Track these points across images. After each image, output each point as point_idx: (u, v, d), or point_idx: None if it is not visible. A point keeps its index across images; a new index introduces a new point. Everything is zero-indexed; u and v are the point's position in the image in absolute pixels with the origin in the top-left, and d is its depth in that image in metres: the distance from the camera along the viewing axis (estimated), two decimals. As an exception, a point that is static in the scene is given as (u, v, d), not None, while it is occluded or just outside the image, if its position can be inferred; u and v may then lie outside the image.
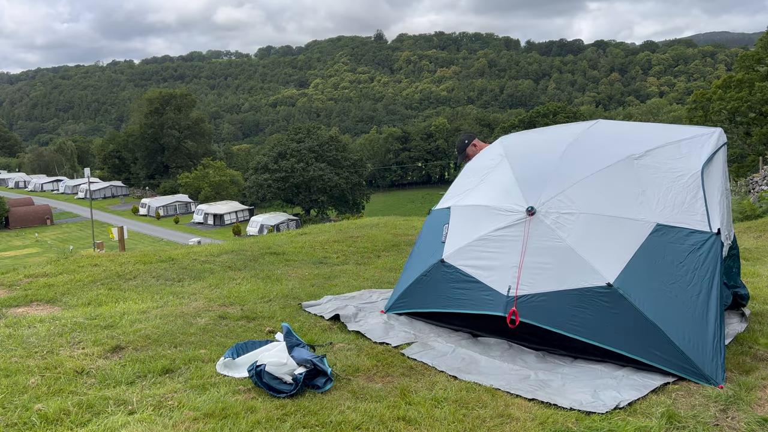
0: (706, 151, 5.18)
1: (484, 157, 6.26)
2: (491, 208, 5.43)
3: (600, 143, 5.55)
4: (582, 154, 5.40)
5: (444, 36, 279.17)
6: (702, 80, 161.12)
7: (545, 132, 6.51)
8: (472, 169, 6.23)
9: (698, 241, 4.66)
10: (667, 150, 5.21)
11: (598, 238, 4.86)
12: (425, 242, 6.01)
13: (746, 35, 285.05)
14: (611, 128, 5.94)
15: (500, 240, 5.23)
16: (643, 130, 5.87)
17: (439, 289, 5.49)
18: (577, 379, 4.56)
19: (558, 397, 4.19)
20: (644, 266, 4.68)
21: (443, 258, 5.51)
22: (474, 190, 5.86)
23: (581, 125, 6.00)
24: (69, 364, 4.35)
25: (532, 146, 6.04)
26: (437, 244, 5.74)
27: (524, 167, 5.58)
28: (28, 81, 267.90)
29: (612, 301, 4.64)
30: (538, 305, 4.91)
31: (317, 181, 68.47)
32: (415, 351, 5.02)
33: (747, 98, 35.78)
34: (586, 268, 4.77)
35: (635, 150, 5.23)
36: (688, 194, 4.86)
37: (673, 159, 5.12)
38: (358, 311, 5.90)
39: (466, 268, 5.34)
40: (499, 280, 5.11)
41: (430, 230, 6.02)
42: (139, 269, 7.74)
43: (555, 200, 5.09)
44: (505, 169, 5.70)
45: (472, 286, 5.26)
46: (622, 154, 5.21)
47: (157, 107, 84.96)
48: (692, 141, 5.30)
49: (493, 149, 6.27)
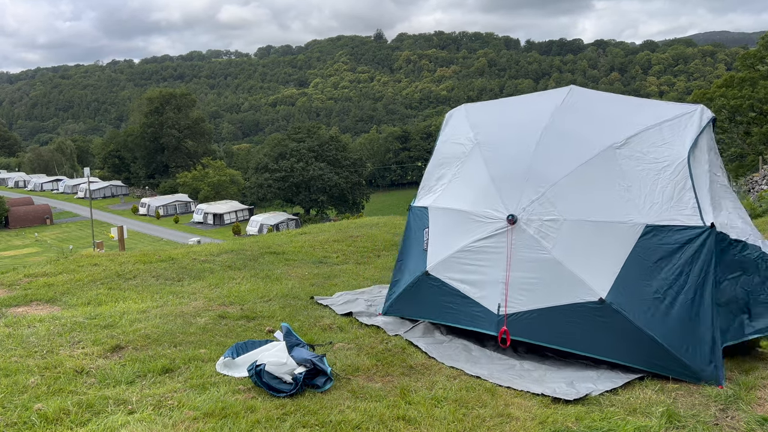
0: (690, 134, 4.82)
1: (453, 138, 5.84)
2: (469, 213, 5.21)
3: (577, 126, 5.12)
4: (559, 144, 5.03)
5: (444, 35, 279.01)
6: (702, 80, 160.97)
7: (516, 106, 5.98)
8: (443, 154, 5.86)
9: (691, 237, 4.44)
10: (649, 135, 4.85)
11: (585, 248, 4.65)
12: (409, 245, 5.91)
13: (746, 35, 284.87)
14: (587, 101, 5.42)
15: (482, 252, 5.06)
16: (621, 107, 5.41)
17: (429, 300, 5.46)
18: (560, 370, 4.64)
19: (534, 385, 4.29)
20: (636, 275, 4.50)
21: (427, 270, 5.43)
22: (449, 186, 5.62)
23: (555, 96, 5.51)
24: (69, 364, 4.35)
25: (503, 131, 5.54)
26: (420, 251, 5.63)
27: (498, 161, 5.24)
28: (27, 80, 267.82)
29: (606, 316, 4.53)
30: (530, 321, 4.82)
31: (317, 180, 68.45)
32: (416, 335, 5.31)
33: (750, 95, 35.71)
34: (576, 283, 4.62)
35: (615, 137, 4.86)
36: (676, 186, 4.59)
37: (657, 146, 4.78)
38: (369, 306, 6.10)
39: (453, 282, 5.25)
40: (488, 296, 5.02)
41: (413, 232, 5.88)
42: (139, 269, 7.73)
43: (536, 204, 4.85)
44: (479, 162, 5.36)
45: (461, 301, 5.21)
46: (602, 144, 4.86)
47: (156, 107, 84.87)
48: (674, 123, 4.92)
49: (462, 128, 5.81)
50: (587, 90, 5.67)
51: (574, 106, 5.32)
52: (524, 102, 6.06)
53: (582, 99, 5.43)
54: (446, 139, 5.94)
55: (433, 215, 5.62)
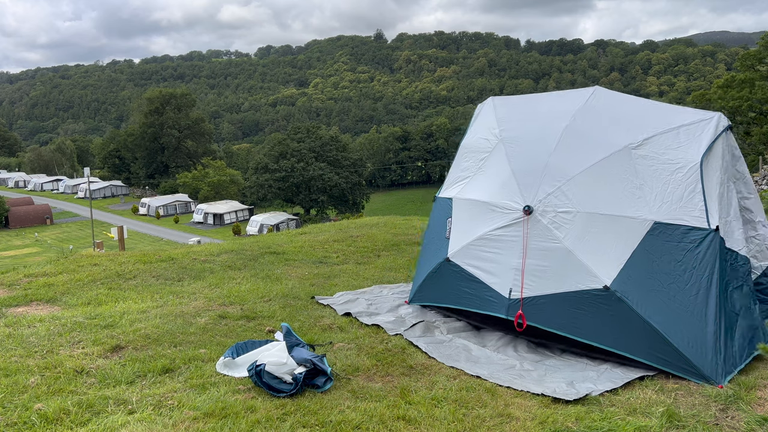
0: (705, 140, 4.96)
1: (480, 133, 6.06)
2: (490, 204, 5.44)
3: (597, 126, 5.30)
4: (578, 143, 5.21)
5: (444, 35, 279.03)
6: (702, 80, 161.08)
7: (541, 104, 6.17)
8: (469, 148, 6.10)
9: (696, 238, 4.59)
10: (666, 138, 5.01)
11: (595, 238, 4.82)
12: (433, 234, 6.16)
13: (746, 34, 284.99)
14: (609, 103, 5.60)
15: (499, 240, 5.28)
16: (641, 110, 5.56)
17: (448, 285, 5.69)
18: (560, 370, 4.68)
19: (533, 385, 4.33)
20: (642, 267, 4.65)
21: (448, 256, 5.68)
22: (473, 179, 5.86)
23: (579, 97, 5.71)
24: (69, 364, 4.35)
25: (526, 127, 5.75)
26: (442, 239, 5.92)
27: (520, 157, 5.45)
28: (27, 80, 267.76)
29: (610, 304, 4.65)
30: (539, 307, 4.98)
31: (317, 180, 68.47)
32: (415, 334, 5.37)
33: (747, 96, 35.73)
34: (584, 271, 4.77)
35: (633, 138, 5.03)
36: (686, 188, 4.74)
37: (672, 149, 4.94)
38: (370, 305, 6.17)
39: (470, 268, 5.49)
40: (499, 282, 5.22)
41: (436, 222, 6.15)
42: (139, 269, 7.74)
43: (552, 197, 5.04)
44: (501, 157, 5.60)
45: (476, 286, 5.42)
46: (619, 143, 5.02)
47: (157, 107, 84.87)
48: (691, 128, 5.07)
49: (488, 122, 6.02)
50: (610, 92, 5.86)
51: (596, 107, 5.53)
52: (550, 100, 6.23)
53: (604, 101, 5.64)
54: (474, 133, 6.17)
55: (456, 206, 5.87)
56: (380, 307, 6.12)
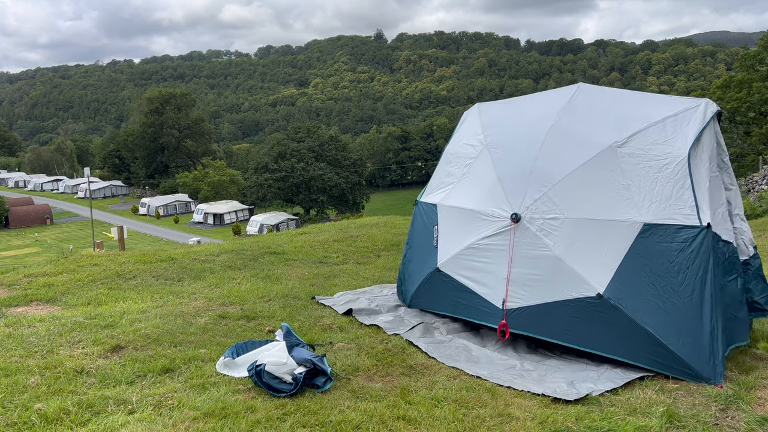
0: (693, 131, 4.79)
1: (465, 139, 5.98)
2: (476, 212, 5.37)
3: (582, 124, 5.16)
4: (563, 143, 5.09)
5: (444, 35, 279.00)
6: (702, 80, 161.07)
7: (526, 106, 6.04)
8: (454, 154, 6.01)
9: (688, 236, 4.45)
10: (652, 132, 4.85)
11: (585, 244, 4.73)
12: (420, 240, 6.09)
13: (746, 34, 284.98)
14: (594, 99, 5.44)
15: (488, 249, 5.24)
16: (627, 103, 5.41)
17: (442, 295, 5.68)
18: (560, 370, 4.67)
19: (534, 385, 4.32)
20: (634, 271, 4.56)
21: (438, 267, 5.66)
22: (458, 185, 5.78)
23: (563, 95, 5.56)
24: (69, 364, 4.35)
25: (511, 131, 5.63)
26: (430, 247, 5.86)
27: (505, 162, 5.35)
28: (27, 80, 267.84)
29: (604, 311, 4.60)
30: (531, 316, 4.94)
31: (317, 180, 68.49)
32: (415, 335, 5.34)
33: (746, 99, 35.73)
34: (576, 279, 4.71)
35: (618, 135, 4.88)
36: (675, 185, 4.59)
37: (658, 143, 4.78)
38: (370, 305, 6.16)
39: (461, 279, 5.47)
40: (492, 293, 5.20)
41: (421, 227, 6.07)
42: (139, 269, 7.73)
43: (539, 203, 4.95)
44: (487, 163, 5.50)
45: (469, 297, 5.41)
46: (604, 143, 4.88)
47: (156, 107, 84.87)
48: (677, 118, 4.91)
49: (473, 128, 5.94)
50: (594, 87, 5.67)
51: (580, 104, 5.38)
52: (535, 101, 6.11)
53: (588, 96, 5.47)
54: (459, 140, 6.10)
55: (442, 213, 5.80)
56: (380, 306, 6.12)
